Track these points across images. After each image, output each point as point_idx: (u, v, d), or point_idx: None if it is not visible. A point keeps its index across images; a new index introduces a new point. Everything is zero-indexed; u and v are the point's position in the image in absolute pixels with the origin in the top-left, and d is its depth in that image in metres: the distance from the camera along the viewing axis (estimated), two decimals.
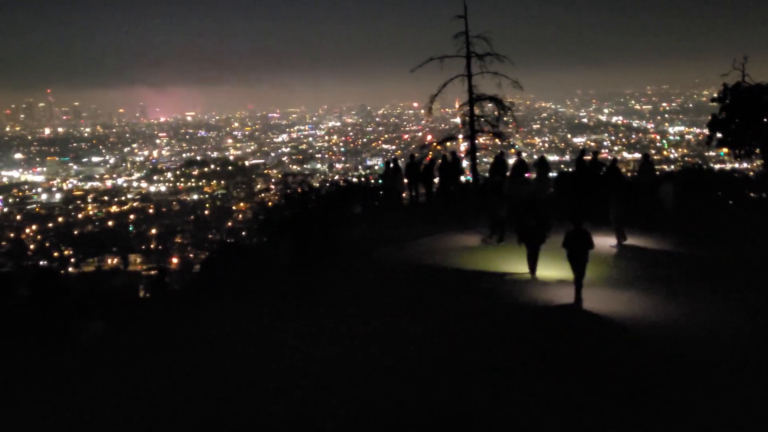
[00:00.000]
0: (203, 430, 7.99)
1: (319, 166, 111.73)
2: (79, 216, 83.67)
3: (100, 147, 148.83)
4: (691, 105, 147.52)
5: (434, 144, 26.22)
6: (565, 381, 8.63)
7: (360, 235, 17.97)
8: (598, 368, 9.07)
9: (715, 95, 24.58)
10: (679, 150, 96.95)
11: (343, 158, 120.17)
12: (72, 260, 59.97)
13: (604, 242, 15.22)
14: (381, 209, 21.93)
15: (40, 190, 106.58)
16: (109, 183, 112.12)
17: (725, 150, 25.69)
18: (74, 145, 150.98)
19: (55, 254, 62.10)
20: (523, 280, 13.61)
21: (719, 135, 24.26)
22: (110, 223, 77.82)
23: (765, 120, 22.90)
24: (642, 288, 12.75)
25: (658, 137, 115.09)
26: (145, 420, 8.26)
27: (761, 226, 17.14)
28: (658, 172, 24.06)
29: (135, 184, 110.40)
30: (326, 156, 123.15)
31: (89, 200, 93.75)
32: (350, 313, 11.94)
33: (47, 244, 66.70)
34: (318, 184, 19.70)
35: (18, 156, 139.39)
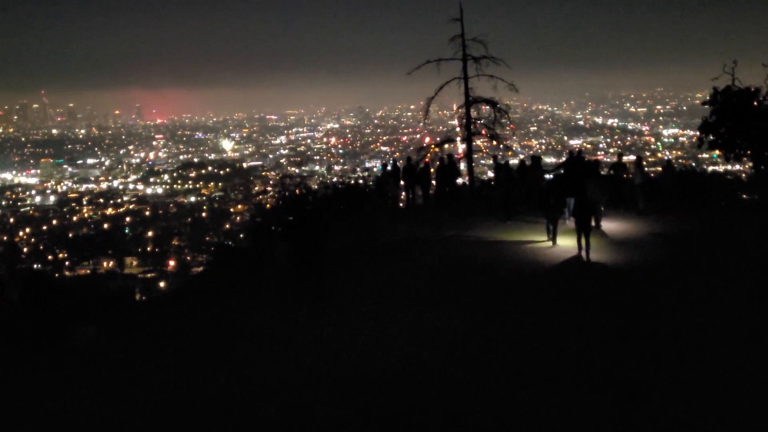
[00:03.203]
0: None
1: (317, 168, 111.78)
2: (74, 218, 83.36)
3: (96, 149, 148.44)
4: (684, 108, 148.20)
5: (432, 146, 26.31)
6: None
7: (358, 237, 18.03)
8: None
9: (707, 98, 24.78)
10: (674, 152, 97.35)
11: (341, 160, 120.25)
12: (67, 263, 59.65)
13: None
14: (378, 211, 22.00)
15: (33, 192, 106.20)
16: (104, 185, 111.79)
17: (718, 152, 25.88)
18: (69, 146, 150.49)
19: (50, 257, 61.76)
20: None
21: (710, 137, 24.45)
22: (106, 225, 77.38)
23: (754, 123, 23.12)
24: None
25: (652, 139, 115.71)
26: (137, 423, 8.26)
27: (743, 220, 18.51)
28: (652, 174, 24.44)
29: (131, 186, 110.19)
30: (324, 158, 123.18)
31: (84, 202, 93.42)
32: (350, 311, 11.97)
33: (41, 247, 66.40)
34: (316, 186, 19.73)
35: (11, 158, 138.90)
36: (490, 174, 23.95)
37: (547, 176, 20.74)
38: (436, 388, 8.58)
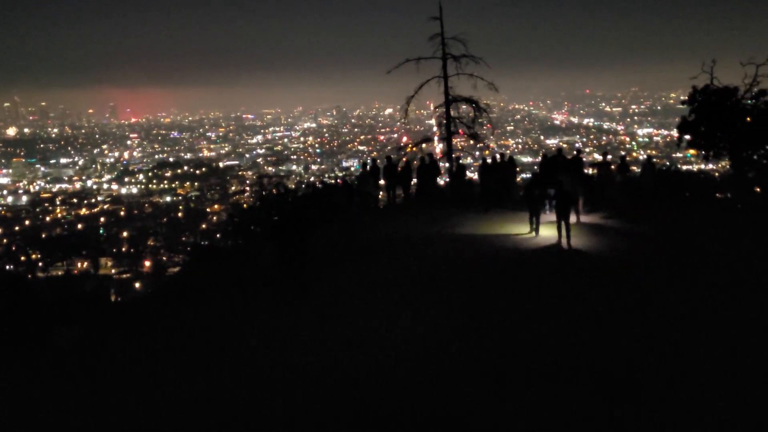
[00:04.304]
0: None
1: (294, 167, 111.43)
2: (47, 219, 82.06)
3: (69, 148, 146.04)
4: (659, 107, 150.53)
5: (410, 146, 26.23)
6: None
7: (340, 237, 17.91)
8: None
9: (684, 98, 25.03)
10: (648, 151, 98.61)
11: (318, 159, 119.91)
12: (40, 264, 58.55)
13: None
14: (358, 210, 21.89)
15: (5, 192, 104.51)
16: (78, 185, 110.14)
17: (692, 151, 26.20)
18: (41, 146, 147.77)
19: (22, 258, 60.51)
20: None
21: (688, 137, 24.73)
22: (80, 226, 76.18)
23: (732, 122, 23.43)
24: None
25: (627, 139, 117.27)
26: (132, 425, 8.12)
27: (724, 219, 18.75)
28: (627, 174, 24.76)
29: (105, 186, 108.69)
30: (302, 157, 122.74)
31: (57, 203, 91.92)
32: (338, 311, 11.89)
33: (13, 248, 65.10)
34: (294, 186, 19.57)
35: None
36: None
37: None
38: (433, 388, 8.54)
